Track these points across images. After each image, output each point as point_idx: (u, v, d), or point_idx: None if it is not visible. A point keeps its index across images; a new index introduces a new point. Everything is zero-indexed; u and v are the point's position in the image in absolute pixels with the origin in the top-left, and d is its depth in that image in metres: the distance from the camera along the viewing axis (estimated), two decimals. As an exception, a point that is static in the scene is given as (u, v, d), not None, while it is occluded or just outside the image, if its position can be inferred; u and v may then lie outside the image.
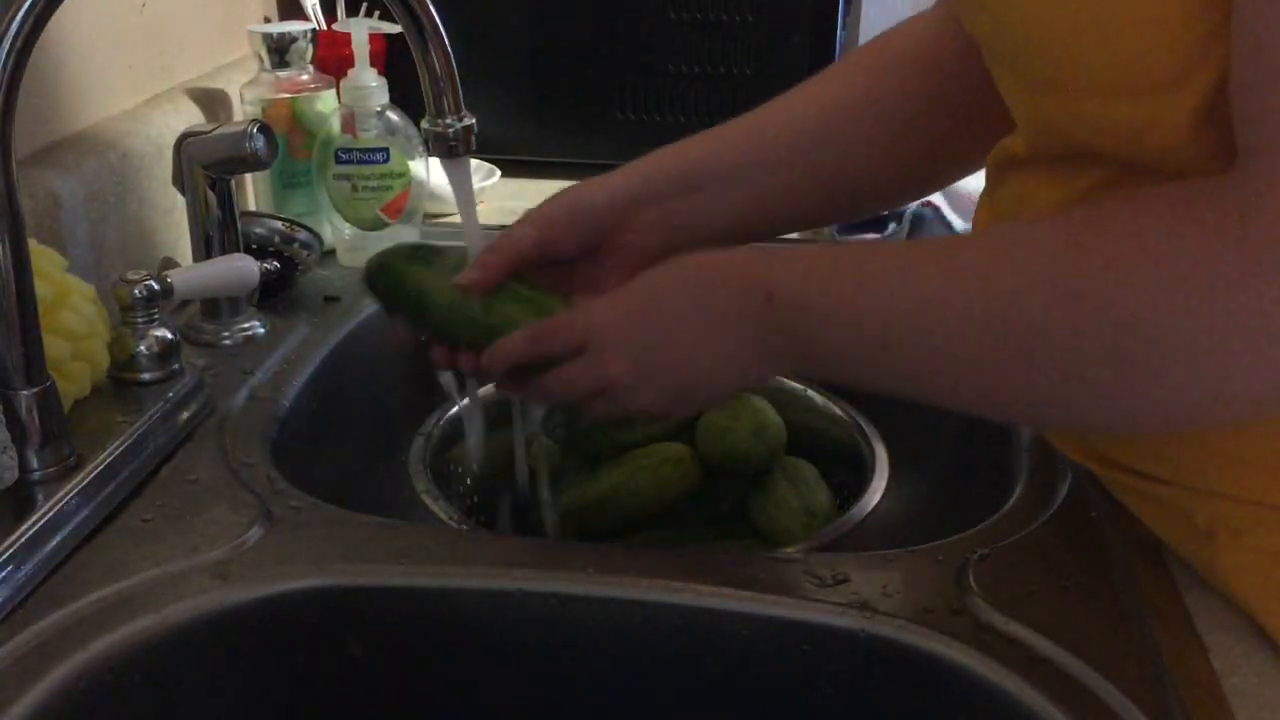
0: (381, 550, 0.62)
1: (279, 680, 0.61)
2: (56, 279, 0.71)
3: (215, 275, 0.85)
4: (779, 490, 0.76)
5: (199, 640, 0.58)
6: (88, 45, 0.89)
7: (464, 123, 0.69)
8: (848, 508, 0.72)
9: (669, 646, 0.60)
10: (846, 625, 0.57)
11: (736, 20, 1.20)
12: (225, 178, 0.87)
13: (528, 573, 0.60)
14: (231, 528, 0.64)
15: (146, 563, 0.61)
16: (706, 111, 1.23)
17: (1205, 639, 0.56)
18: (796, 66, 1.20)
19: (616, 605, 0.59)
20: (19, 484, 0.63)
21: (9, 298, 0.61)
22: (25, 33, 0.57)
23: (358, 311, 0.93)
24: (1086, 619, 0.57)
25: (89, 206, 0.84)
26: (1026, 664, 0.54)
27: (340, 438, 0.86)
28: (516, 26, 1.24)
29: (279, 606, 0.60)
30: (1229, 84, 0.45)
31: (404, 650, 0.62)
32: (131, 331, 0.76)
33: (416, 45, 0.68)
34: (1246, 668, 0.54)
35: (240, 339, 0.87)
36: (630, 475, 0.76)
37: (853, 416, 0.81)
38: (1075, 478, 0.68)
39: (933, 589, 0.59)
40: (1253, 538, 0.56)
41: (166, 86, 1.01)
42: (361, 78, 0.98)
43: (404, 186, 1.00)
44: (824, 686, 0.59)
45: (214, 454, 0.72)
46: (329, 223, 1.02)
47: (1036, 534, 0.64)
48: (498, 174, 1.21)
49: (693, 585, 0.59)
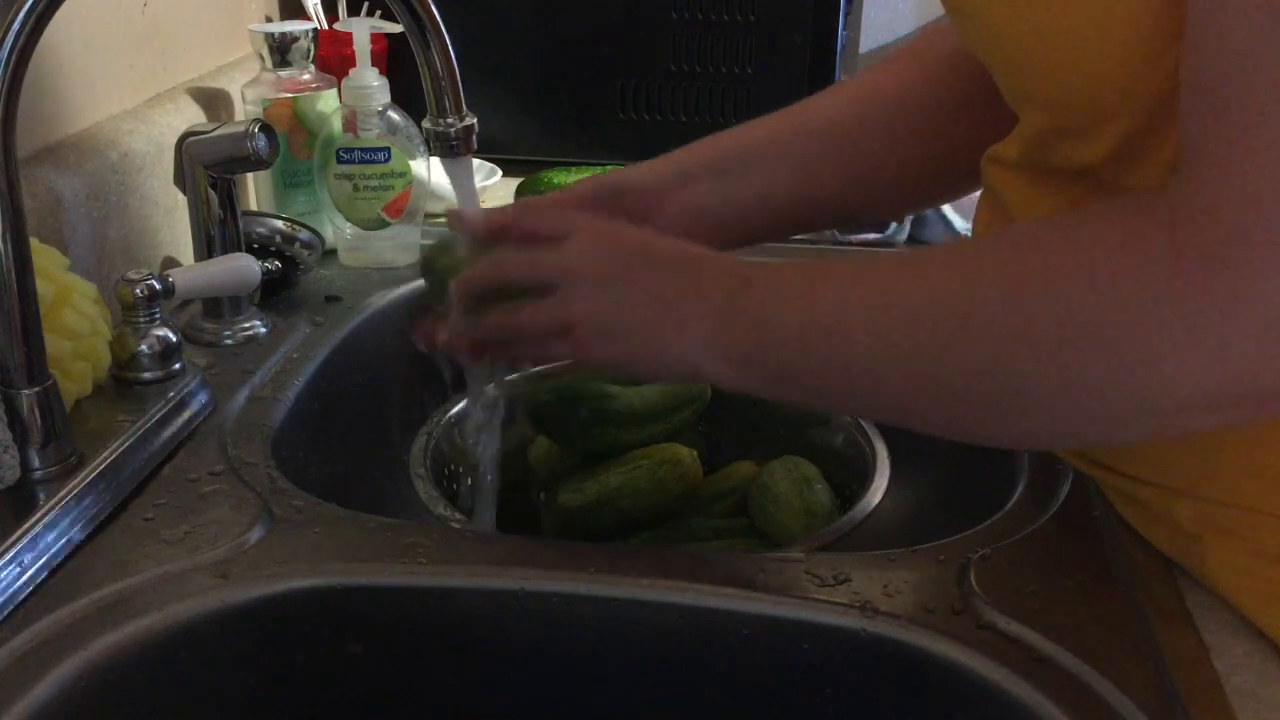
0: (382, 550, 0.62)
1: (280, 679, 0.61)
2: (58, 278, 0.71)
3: (217, 275, 0.85)
4: (780, 490, 0.76)
5: (200, 639, 0.58)
6: (89, 45, 0.89)
7: (465, 122, 0.69)
8: (849, 507, 0.72)
9: (670, 646, 0.60)
10: (847, 625, 0.57)
11: (738, 20, 1.20)
12: (227, 177, 0.87)
13: (528, 572, 0.60)
14: (232, 527, 0.64)
15: (148, 562, 0.61)
16: (708, 111, 1.23)
17: (1207, 639, 0.56)
18: (798, 66, 1.20)
19: (617, 605, 0.59)
20: (20, 483, 0.63)
21: (11, 296, 0.61)
22: (27, 32, 0.57)
23: (359, 311, 0.93)
24: (1088, 619, 0.57)
25: (91, 206, 0.84)
26: (1028, 664, 0.54)
27: (341, 437, 0.86)
28: (518, 26, 1.24)
29: (280, 606, 0.60)
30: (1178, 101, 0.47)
31: (404, 650, 0.62)
32: (133, 331, 0.76)
33: (418, 45, 0.68)
34: (1248, 668, 0.54)
35: (241, 338, 0.87)
36: (630, 475, 0.76)
37: (854, 416, 0.81)
38: (1076, 477, 0.68)
39: (934, 589, 0.59)
40: (1241, 540, 0.56)
41: (168, 86, 1.02)
42: (363, 77, 0.98)
43: (405, 186, 1.00)
44: (825, 686, 0.59)
45: (215, 453, 0.72)
46: (330, 222, 1.02)
47: (1038, 533, 0.64)
48: (499, 173, 1.21)
49: (694, 585, 0.59)
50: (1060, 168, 0.57)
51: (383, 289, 0.97)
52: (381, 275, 1.00)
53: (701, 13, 1.20)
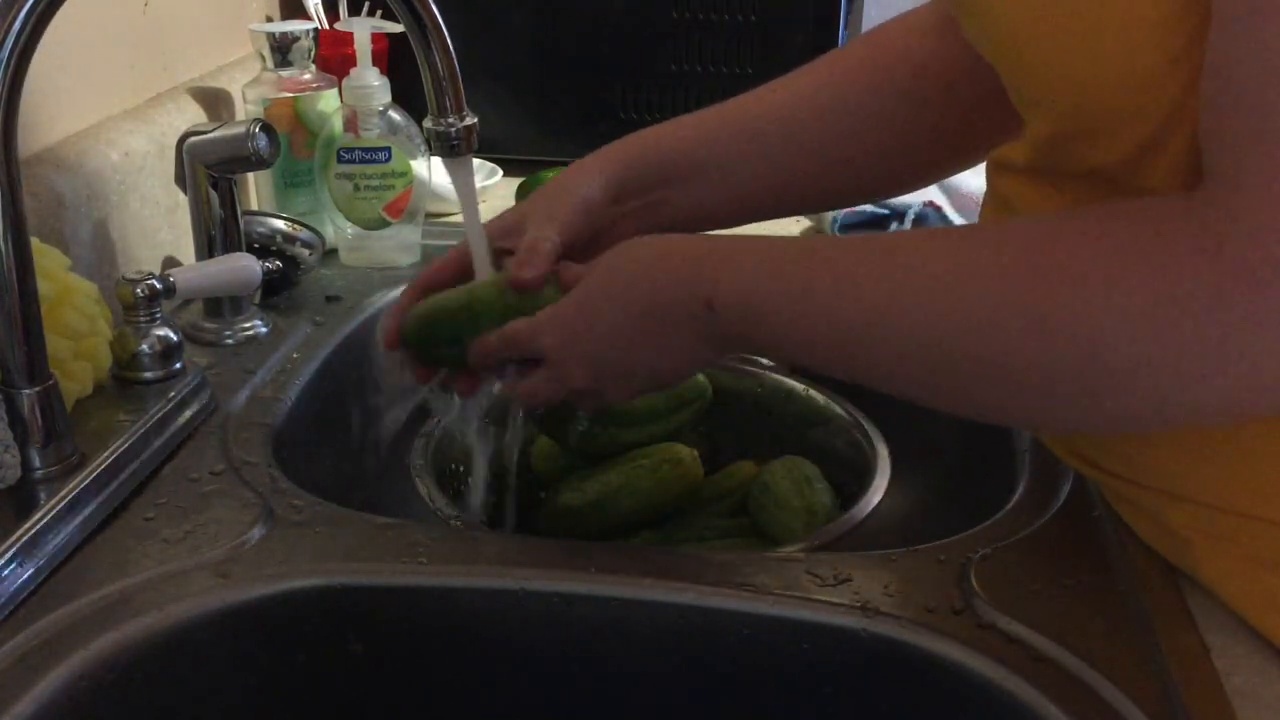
0: (383, 549, 0.62)
1: (280, 679, 0.61)
2: (59, 278, 0.71)
3: (217, 274, 0.85)
4: (780, 490, 0.76)
5: (201, 639, 0.58)
6: (90, 44, 0.89)
7: (466, 122, 0.69)
8: (849, 507, 0.72)
9: (670, 646, 0.60)
10: (848, 625, 0.57)
11: (739, 20, 1.20)
12: (227, 177, 0.87)
13: (529, 572, 0.60)
14: (233, 527, 0.64)
15: (148, 561, 0.61)
16: (708, 111, 1.23)
17: (1207, 639, 0.56)
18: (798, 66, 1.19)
19: (618, 604, 0.59)
20: (21, 483, 0.63)
21: (12, 296, 0.61)
22: (28, 32, 0.57)
23: (360, 311, 0.93)
24: (1088, 619, 0.57)
25: (92, 205, 0.84)
26: (1028, 663, 0.54)
27: (342, 437, 0.86)
28: (518, 25, 1.24)
29: (281, 605, 0.60)
30: (1200, 102, 0.45)
31: (405, 649, 0.62)
32: (134, 330, 0.76)
33: (419, 44, 0.68)
34: (1248, 668, 0.54)
35: (242, 338, 0.87)
36: (631, 475, 0.76)
37: (854, 415, 0.81)
38: (1077, 477, 0.68)
39: (934, 588, 0.59)
40: (1233, 545, 0.56)
41: (169, 86, 1.02)
42: (364, 77, 0.98)
43: (406, 186, 1.00)
44: (825, 686, 0.59)
45: (216, 453, 0.72)
46: (331, 222, 1.02)
47: (1038, 533, 0.64)
48: (500, 173, 1.21)
49: (694, 585, 0.59)
50: (1071, 171, 0.56)
51: (383, 289, 0.97)
52: (382, 275, 1.00)
53: (702, 13, 1.20)
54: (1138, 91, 0.49)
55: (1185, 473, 0.56)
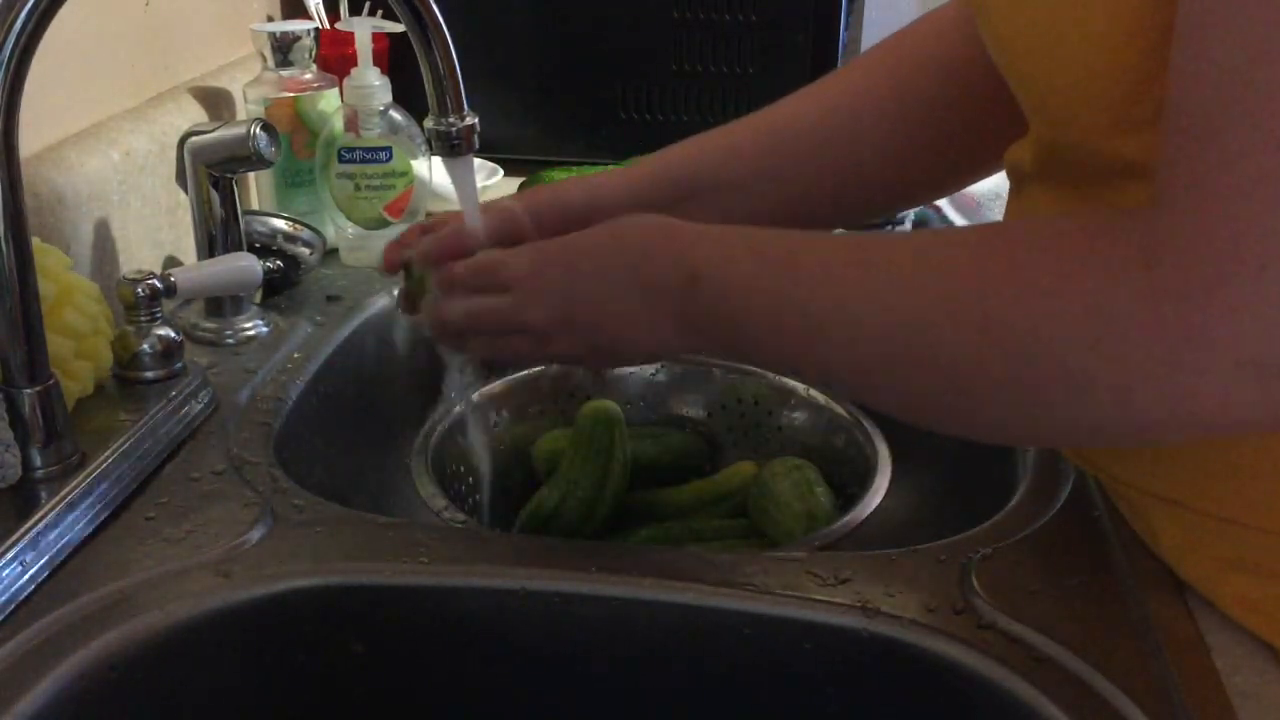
0: (384, 549, 0.62)
1: (281, 679, 0.61)
2: (60, 277, 0.71)
3: (218, 274, 0.85)
4: (780, 491, 0.76)
5: (201, 638, 0.58)
6: (91, 44, 0.89)
7: (466, 122, 0.69)
8: (849, 508, 0.72)
9: (671, 646, 0.60)
10: (849, 625, 0.57)
11: (739, 20, 1.20)
12: (228, 176, 0.87)
13: (529, 572, 0.61)
14: (234, 526, 0.64)
15: (149, 561, 0.61)
16: (709, 111, 1.23)
17: (1208, 639, 0.56)
18: (799, 66, 1.20)
19: (618, 604, 0.59)
20: (22, 482, 0.63)
21: (13, 296, 0.61)
22: (29, 31, 0.57)
23: (360, 311, 0.93)
24: (1089, 619, 0.57)
25: (92, 205, 0.84)
26: (1029, 664, 0.54)
27: (343, 437, 0.86)
28: (519, 25, 1.24)
29: (281, 605, 0.60)
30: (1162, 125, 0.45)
31: (405, 649, 0.62)
32: (135, 330, 0.76)
33: (419, 44, 0.68)
34: (1249, 668, 0.54)
35: (243, 338, 0.87)
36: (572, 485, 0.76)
37: (854, 416, 0.81)
38: (1077, 477, 0.68)
39: (935, 589, 0.59)
40: (1219, 549, 0.56)
41: (170, 85, 1.02)
42: (364, 77, 0.98)
43: (406, 185, 1.00)
44: (826, 686, 0.59)
45: (217, 452, 0.72)
46: (331, 222, 1.02)
47: (1039, 533, 0.64)
48: (500, 173, 1.21)
49: (694, 585, 0.59)
50: (1074, 175, 0.56)
51: (384, 289, 0.97)
52: (383, 275, 1.00)
53: (703, 12, 1.20)
54: (1124, 103, 0.49)
55: (1173, 477, 0.56)
